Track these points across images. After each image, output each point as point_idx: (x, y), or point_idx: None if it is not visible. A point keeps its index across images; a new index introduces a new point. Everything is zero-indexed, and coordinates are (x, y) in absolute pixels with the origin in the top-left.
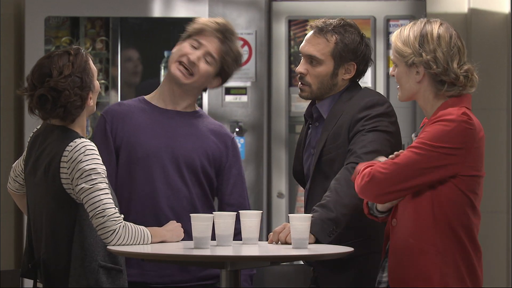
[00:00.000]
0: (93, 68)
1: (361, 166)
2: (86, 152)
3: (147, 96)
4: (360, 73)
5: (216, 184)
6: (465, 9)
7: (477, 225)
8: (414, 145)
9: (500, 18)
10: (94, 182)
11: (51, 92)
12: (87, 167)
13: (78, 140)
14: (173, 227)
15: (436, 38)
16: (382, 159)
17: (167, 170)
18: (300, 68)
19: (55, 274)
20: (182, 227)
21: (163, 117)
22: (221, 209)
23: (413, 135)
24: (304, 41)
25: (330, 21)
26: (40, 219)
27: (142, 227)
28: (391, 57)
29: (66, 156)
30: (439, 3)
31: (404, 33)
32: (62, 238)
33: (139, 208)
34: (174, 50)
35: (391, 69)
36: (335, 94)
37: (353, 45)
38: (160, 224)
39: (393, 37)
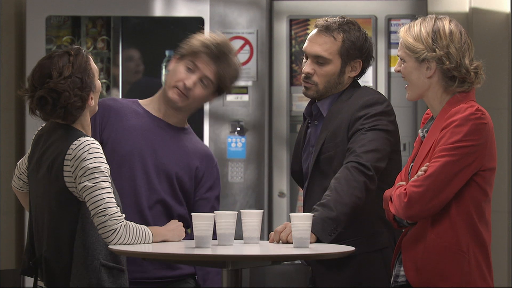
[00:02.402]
0: (94, 67)
1: (388, 193)
2: (90, 151)
3: (141, 100)
4: (364, 69)
5: (192, 200)
6: (466, 8)
7: (489, 215)
8: (438, 154)
9: (501, 17)
10: (97, 181)
11: (51, 93)
12: (91, 165)
13: (82, 139)
14: (175, 227)
15: (449, 34)
16: (403, 183)
17: (149, 172)
18: (307, 68)
19: (57, 272)
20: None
21: (154, 125)
22: None
23: (420, 132)
24: (308, 41)
25: (333, 19)
26: (42, 217)
27: (144, 227)
28: (398, 53)
29: (70, 154)
30: (440, 2)
31: (415, 29)
32: (64, 236)
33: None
34: (171, 67)
35: (396, 65)
36: (336, 93)
37: (359, 42)
38: (142, 220)
39: (402, 33)
